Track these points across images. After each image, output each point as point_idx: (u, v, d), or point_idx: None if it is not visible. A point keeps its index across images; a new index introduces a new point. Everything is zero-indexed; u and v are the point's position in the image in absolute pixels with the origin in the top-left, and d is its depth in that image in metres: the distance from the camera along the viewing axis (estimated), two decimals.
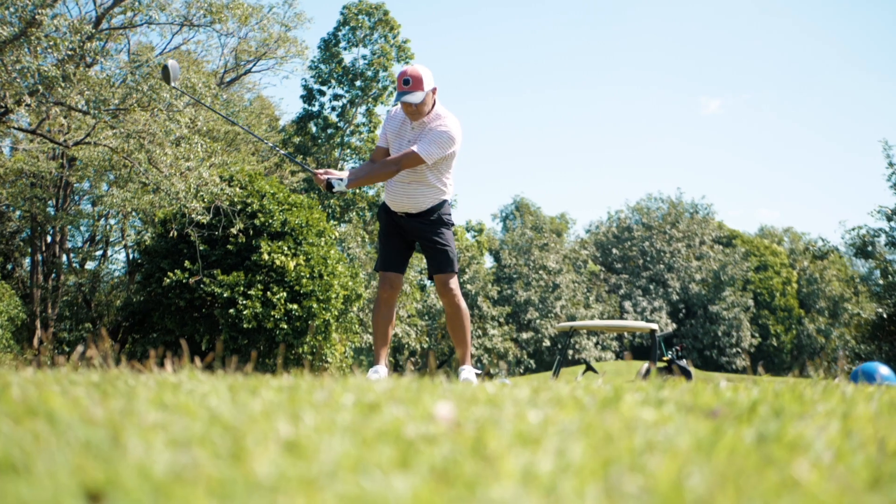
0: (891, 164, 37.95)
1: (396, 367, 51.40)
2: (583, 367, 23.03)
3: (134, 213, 36.98)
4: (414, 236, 7.96)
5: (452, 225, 7.99)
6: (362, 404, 2.44)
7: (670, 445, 1.86)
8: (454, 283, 7.87)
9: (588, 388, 3.20)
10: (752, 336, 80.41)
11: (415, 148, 7.58)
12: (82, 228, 41.60)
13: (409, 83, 7.59)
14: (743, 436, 1.98)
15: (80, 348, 4.08)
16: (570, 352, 65.11)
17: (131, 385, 2.95)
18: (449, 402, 2.42)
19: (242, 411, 2.24)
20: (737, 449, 1.85)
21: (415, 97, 7.58)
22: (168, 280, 27.21)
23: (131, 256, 40.84)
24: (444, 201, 7.90)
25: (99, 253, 41.94)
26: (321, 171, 7.82)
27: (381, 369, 7.57)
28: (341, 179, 7.73)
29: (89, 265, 41.79)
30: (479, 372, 7.77)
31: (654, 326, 20.63)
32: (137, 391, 2.69)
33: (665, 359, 19.77)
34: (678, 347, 19.84)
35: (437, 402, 2.43)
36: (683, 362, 19.20)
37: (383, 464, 1.68)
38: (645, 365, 20.50)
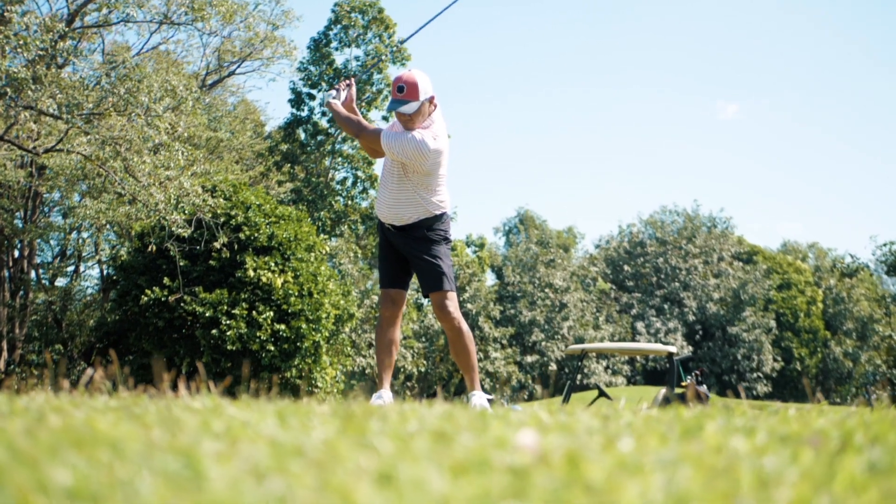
0: None
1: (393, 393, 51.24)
2: (594, 392, 22.94)
3: (108, 226, 36.88)
4: (403, 251, 7.96)
5: (448, 241, 7.95)
6: (431, 432, 2.43)
7: (781, 477, 1.84)
8: (451, 303, 7.80)
9: (663, 416, 3.23)
10: (775, 360, 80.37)
11: (383, 130, 7.75)
12: (52, 242, 41.53)
13: (404, 90, 7.59)
14: (853, 467, 1.94)
15: (89, 371, 4.03)
16: (578, 376, 65.04)
17: (169, 411, 2.97)
18: (532, 431, 2.41)
19: (304, 439, 2.24)
20: (855, 482, 1.82)
21: (408, 107, 7.58)
22: (145, 298, 27.14)
23: (105, 272, 40.74)
24: (436, 216, 7.86)
25: (70, 269, 41.85)
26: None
27: (386, 394, 7.51)
28: (336, 98, 8.22)
29: (60, 282, 41.66)
30: (491, 397, 7.70)
31: (672, 349, 20.53)
32: (181, 418, 2.70)
33: (684, 384, 19.65)
34: (698, 372, 19.73)
35: (520, 431, 2.42)
36: (703, 388, 19.09)
37: (495, 497, 1.69)
38: (662, 391, 20.39)
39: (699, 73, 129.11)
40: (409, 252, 7.87)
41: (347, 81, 8.26)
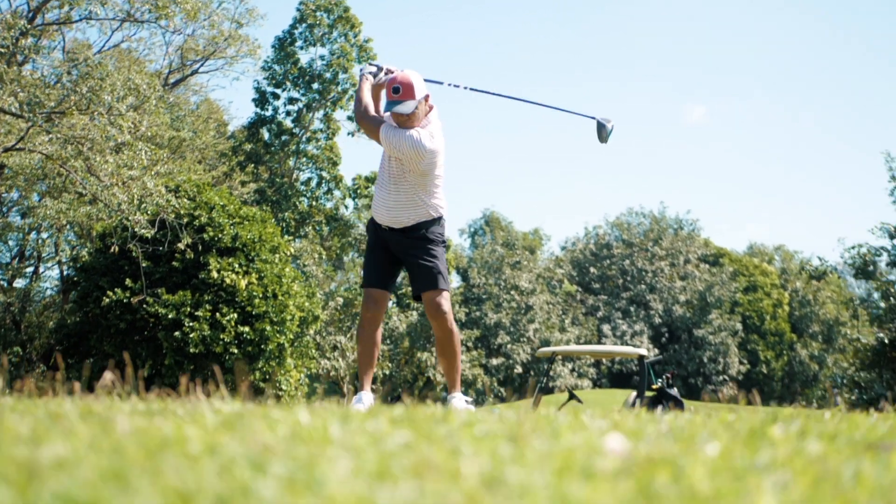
0: (893, 178, 38.28)
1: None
2: (562, 395, 23.02)
3: (69, 227, 36.65)
4: (398, 253, 7.96)
5: (444, 244, 7.98)
6: (501, 436, 2.45)
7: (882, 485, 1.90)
8: (446, 303, 7.84)
9: (723, 419, 3.28)
10: (741, 362, 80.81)
11: (385, 123, 7.77)
12: (11, 243, 41.21)
13: (400, 91, 7.63)
14: None
15: (107, 375, 4.03)
16: (544, 379, 65.09)
17: (202, 414, 2.99)
18: (619, 436, 2.42)
19: (390, 444, 2.26)
20: None
21: (405, 107, 7.62)
22: (107, 300, 26.99)
23: (66, 273, 40.46)
24: (434, 219, 7.89)
25: (29, 270, 41.53)
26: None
27: (367, 396, 7.53)
28: (372, 75, 8.16)
29: (18, 283, 41.35)
30: (470, 400, 7.73)
31: (643, 352, 20.66)
32: (251, 422, 2.71)
33: (654, 387, 19.79)
34: (668, 375, 19.87)
35: (608, 435, 2.43)
36: (674, 391, 19.25)
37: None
38: (633, 394, 20.51)
39: (666, 75, 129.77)
40: (406, 253, 7.88)
41: (391, 70, 8.16)
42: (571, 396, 20.08)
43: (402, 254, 7.92)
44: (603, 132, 8.71)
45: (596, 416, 3.53)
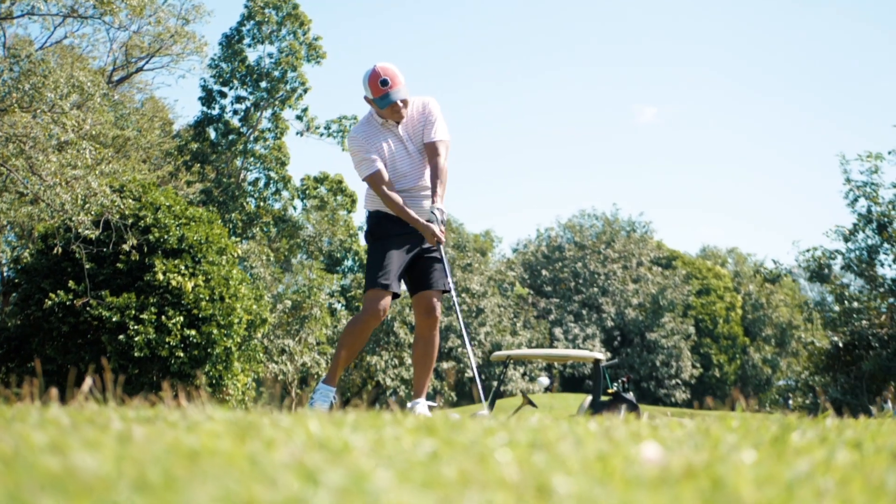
0: (848, 181, 38.69)
1: (301, 402, 50.99)
2: (515, 400, 23.08)
3: (9, 227, 36.30)
4: (415, 247, 7.86)
5: None
6: (526, 444, 2.46)
7: None
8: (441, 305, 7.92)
9: (746, 425, 3.28)
10: (693, 366, 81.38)
11: (439, 135, 7.84)
12: None
13: (388, 83, 7.66)
14: None
15: (88, 380, 4.00)
16: (495, 383, 65.20)
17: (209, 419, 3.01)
18: (655, 444, 2.42)
19: (418, 453, 2.26)
20: None
21: (402, 91, 7.70)
22: (49, 302, 26.75)
23: (6, 275, 40.05)
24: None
25: None
26: (424, 225, 7.73)
27: (332, 393, 7.51)
28: (437, 212, 7.75)
29: None
30: (433, 405, 7.71)
31: (599, 356, 20.77)
32: (270, 431, 2.71)
33: (610, 391, 19.90)
34: (624, 379, 20.01)
35: (644, 444, 2.43)
36: (630, 395, 19.38)
37: None
38: (587, 398, 20.63)
39: (616, 74, 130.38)
40: (427, 251, 7.88)
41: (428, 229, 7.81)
42: (526, 401, 20.17)
43: (422, 252, 7.88)
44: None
45: (618, 423, 3.56)
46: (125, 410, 3.39)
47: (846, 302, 39.32)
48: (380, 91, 7.64)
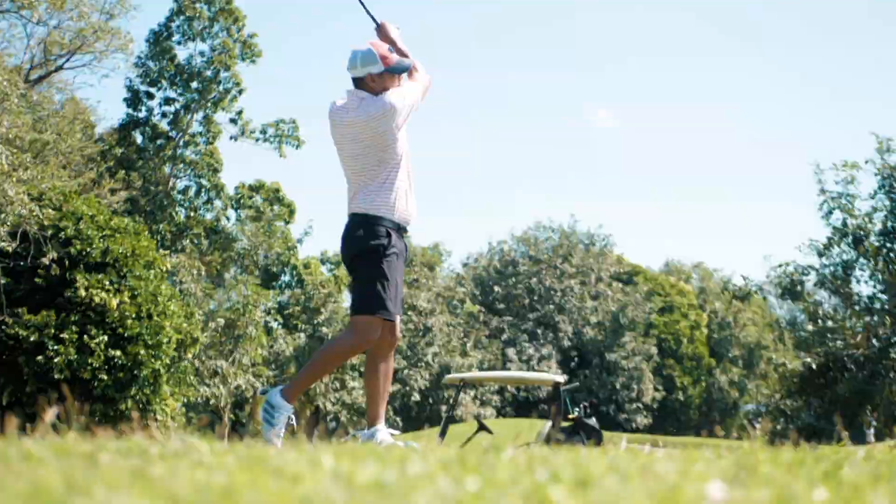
0: (823, 191, 39.09)
1: (235, 426, 50.77)
2: (468, 426, 23.10)
3: None
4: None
5: None
6: (569, 480, 2.46)
7: None
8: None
9: (764, 454, 3.38)
10: (656, 389, 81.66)
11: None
12: None
13: (392, 49, 8.04)
14: None
15: (52, 410, 3.96)
16: (444, 407, 65.11)
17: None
18: (721, 483, 2.42)
19: (457, 490, 2.26)
20: None
21: (406, 61, 8.05)
22: None
23: None
24: None
25: None
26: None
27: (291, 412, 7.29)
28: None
29: None
30: (396, 433, 7.49)
31: (560, 379, 20.78)
32: (281, 464, 2.72)
33: (571, 417, 19.87)
34: (586, 404, 19.99)
35: (710, 483, 2.43)
36: (593, 421, 19.39)
37: None
38: (547, 424, 20.63)
39: (570, 76, 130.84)
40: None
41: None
42: (481, 427, 20.16)
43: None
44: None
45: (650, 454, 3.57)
46: (107, 441, 3.37)
47: (820, 321, 39.67)
48: (393, 58, 7.83)
